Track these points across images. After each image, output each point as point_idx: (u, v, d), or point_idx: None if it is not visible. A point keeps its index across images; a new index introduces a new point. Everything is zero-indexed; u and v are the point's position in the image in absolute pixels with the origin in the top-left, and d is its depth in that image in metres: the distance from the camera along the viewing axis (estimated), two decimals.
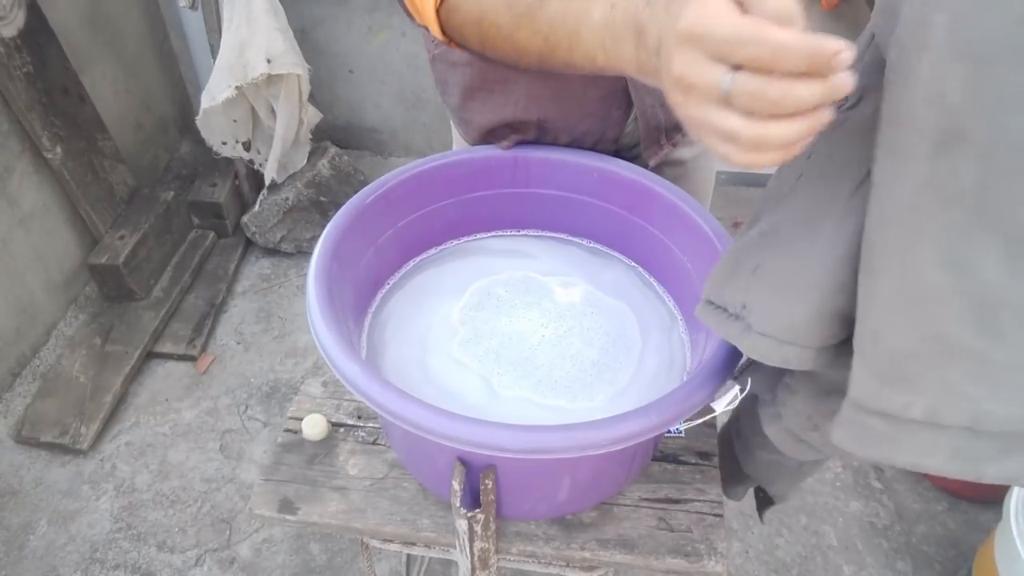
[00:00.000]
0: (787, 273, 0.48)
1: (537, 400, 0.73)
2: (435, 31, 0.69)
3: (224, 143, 1.89)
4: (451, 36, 0.69)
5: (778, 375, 0.61)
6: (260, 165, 1.99)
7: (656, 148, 0.87)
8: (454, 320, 0.82)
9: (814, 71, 0.33)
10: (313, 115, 1.97)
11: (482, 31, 0.65)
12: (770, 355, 0.49)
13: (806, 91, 0.34)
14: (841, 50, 0.33)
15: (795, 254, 0.47)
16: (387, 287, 0.85)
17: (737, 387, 0.60)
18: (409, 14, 0.73)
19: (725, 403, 0.60)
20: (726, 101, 0.36)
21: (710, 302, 0.56)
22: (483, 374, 0.76)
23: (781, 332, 0.48)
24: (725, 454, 0.82)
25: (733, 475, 0.83)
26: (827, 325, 0.46)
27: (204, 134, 1.86)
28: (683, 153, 0.92)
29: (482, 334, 0.80)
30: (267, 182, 1.95)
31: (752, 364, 0.64)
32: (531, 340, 0.79)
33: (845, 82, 0.33)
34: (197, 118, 1.81)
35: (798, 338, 0.47)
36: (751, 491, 0.87)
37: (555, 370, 0.76)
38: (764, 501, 0.81)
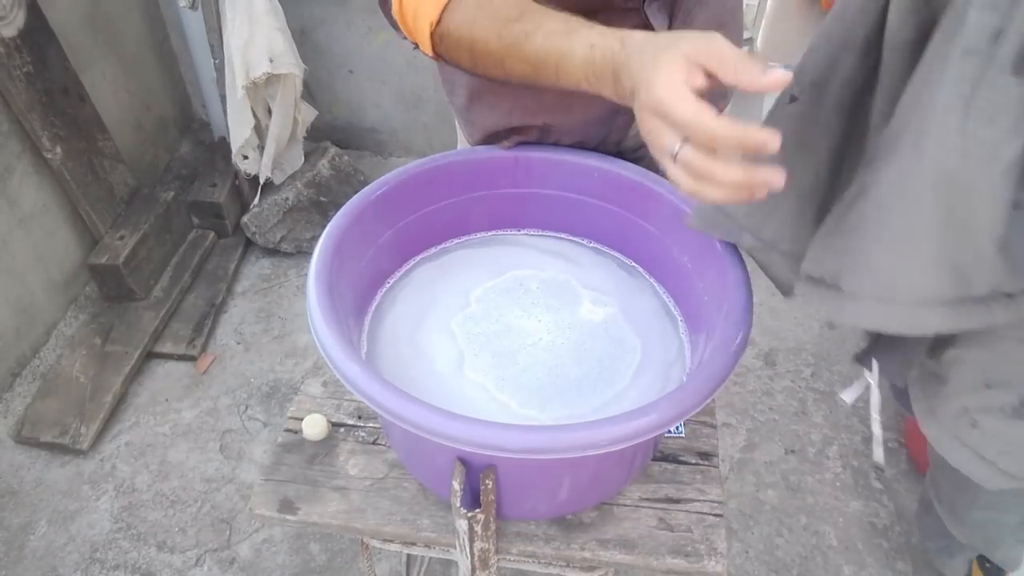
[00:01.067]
0: (874, 227, 0.49)
1: (493, 392, 0.74)
2: (426, 50, 0.70)
3: (246, 157, 1.89)
4: (441, 55, 0.70)
5: (904, 355, 0.57)
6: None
7: None
8: (474, 296, 0.83)
9: (747, 151, 0.45)
10: (308, 112, 1.96)
11: (474, 55, 0.67)
12: (860, 316, 0.50)
13: (726, 174, 0.47)
14: (767, 140, 0.44)
15: (886, 208, 0.48)
16: (387, 286, 0.85)
17: (867, 375, 0.57)
18: (395, 26, 0.73)
19: (855, 394, 0.59)
20: (675, 159, 0.49)
21: (810, 277, 0.56)
22: (462, 350, 0.78)
23: (870, 288, 0.49)
24: (931, 524, 0.73)
25: (945, 547, 0.72)
26: (912, 274, 0.48)
27: (234, 150, 1.86)
28: None
29: (489, 316, 0.81)
30: (261, 180, 1.95)
31: (872, 344, 0.61)
32: (528, 339, 0.79)
33: (769, 177, 0.46)
34: (229, 136, 1.82)
35: (885, 292, 0.48)
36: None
37: (527, 373, 0.76)
38: (993, 571, 0.72)
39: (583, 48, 0.58)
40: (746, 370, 1.76)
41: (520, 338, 0.79)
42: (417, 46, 0.72)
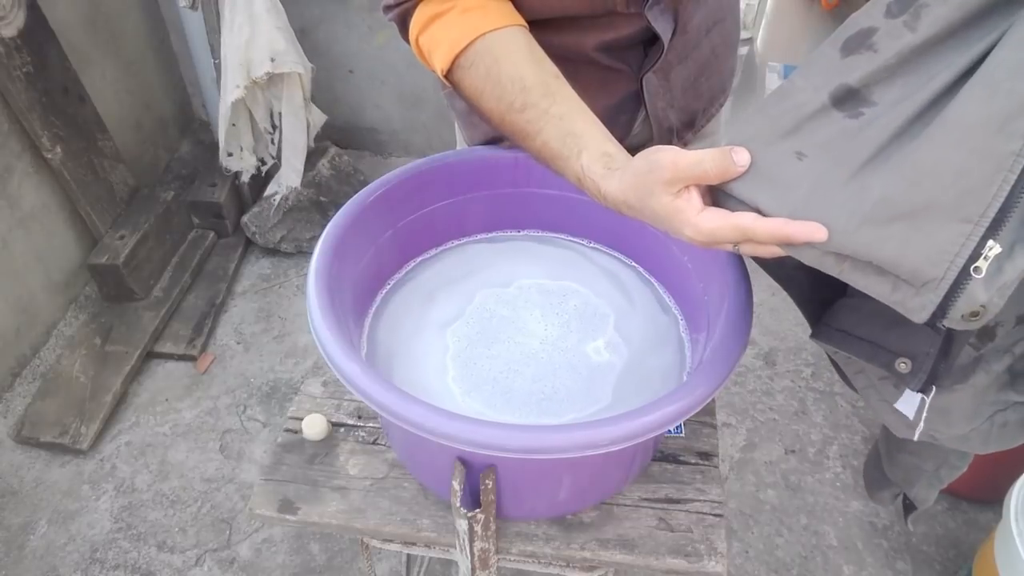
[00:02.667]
0: None
1: (449, 356, 0.77)
2: (444, 84, 0.72)
3: (230, 154, 1.89)
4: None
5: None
6: (259, 169, 1.99)
7: None
8: (518, 283, 0.85)
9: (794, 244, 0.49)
10: (318, 116, 1.96)
11: (482, 118, 0.70)
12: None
13: (777, 249, 0.50)
14: (816, 235, 0.46)
15: None
16: (388, 286, 0.85)
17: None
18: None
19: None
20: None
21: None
22: (462, 314, 0.81)
23: None
24: (872, 461, 0.85)
25: (877, 480, 0.84)
26: None
27: (220, 146, 1.87)
28: None
29: (513, 304, 0.83)
30: (288, 190, 1.94)
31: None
32: (518, 336, 0.80)
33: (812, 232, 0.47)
34: (219, 130, 1.82)
35: None
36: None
37: (489, 359, 0.77)
38: (908, 507, 0.83)
39: (571, 178, 0.62)
40: (746, 370, 1.76)
41: (513, 332, 0.80)
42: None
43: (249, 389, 1.74)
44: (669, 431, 0.82)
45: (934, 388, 0.56)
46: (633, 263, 0.88)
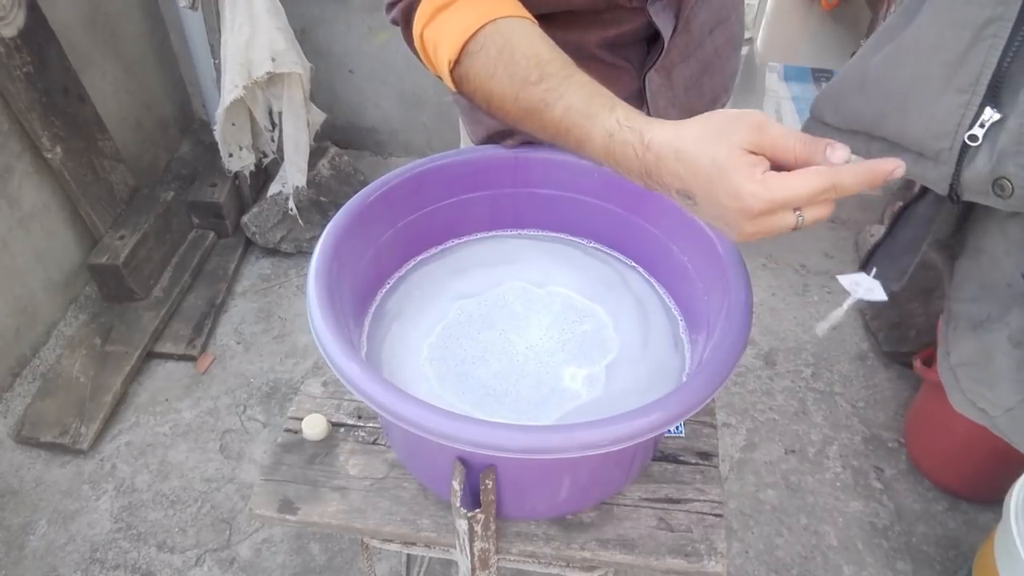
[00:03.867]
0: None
1: (441, 325, 0.80)
2: (448, 84, 0.69)
3: (231, 155, 1.89)
4: (463, 93, 0.69)
5: (906, 255, 0.58)
6: (259, 163, 1.99)
7: None
8: (549, 288, 0.85)
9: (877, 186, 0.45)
10: (316, 115, 1.96)
11: (491, 108, 0.66)
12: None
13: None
14: (896, 167, 0.43)
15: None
16: (387, 286, 0.85)
17: (852, 278, 0.57)
18: (417, 56, 0.72)
19: (849, 300, 0.57)
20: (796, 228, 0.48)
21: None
22: (476, 295, 0.83)
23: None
24: None
25: None
26: None
27: (221, 148, 1.87)
28: None
29: (531, 303, 0.84)
30: (293, 189, 1.95)
31: (874, 250, 0.64)
32: (513, 332, 0.80)
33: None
34: (215, 129, 1.83)
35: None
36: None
37: (469, 341, 0.79)
38: None
39: (601, 136, 0.56)
40: (746, 370, 1.76)
41: (511, 328, 0.80)
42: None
43: (249, 389, 1.74)
44: (669, 431, 0.82)
45: (874, 270, 0.57)
46: (633, 263, 0.88)
